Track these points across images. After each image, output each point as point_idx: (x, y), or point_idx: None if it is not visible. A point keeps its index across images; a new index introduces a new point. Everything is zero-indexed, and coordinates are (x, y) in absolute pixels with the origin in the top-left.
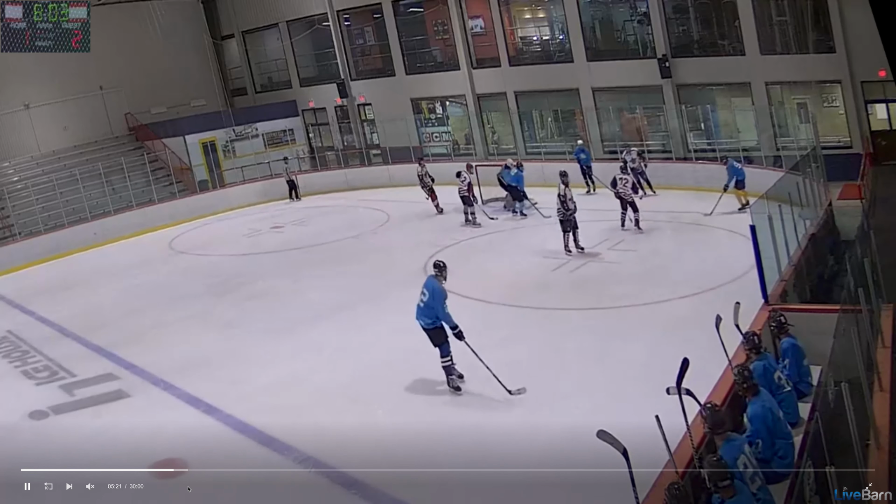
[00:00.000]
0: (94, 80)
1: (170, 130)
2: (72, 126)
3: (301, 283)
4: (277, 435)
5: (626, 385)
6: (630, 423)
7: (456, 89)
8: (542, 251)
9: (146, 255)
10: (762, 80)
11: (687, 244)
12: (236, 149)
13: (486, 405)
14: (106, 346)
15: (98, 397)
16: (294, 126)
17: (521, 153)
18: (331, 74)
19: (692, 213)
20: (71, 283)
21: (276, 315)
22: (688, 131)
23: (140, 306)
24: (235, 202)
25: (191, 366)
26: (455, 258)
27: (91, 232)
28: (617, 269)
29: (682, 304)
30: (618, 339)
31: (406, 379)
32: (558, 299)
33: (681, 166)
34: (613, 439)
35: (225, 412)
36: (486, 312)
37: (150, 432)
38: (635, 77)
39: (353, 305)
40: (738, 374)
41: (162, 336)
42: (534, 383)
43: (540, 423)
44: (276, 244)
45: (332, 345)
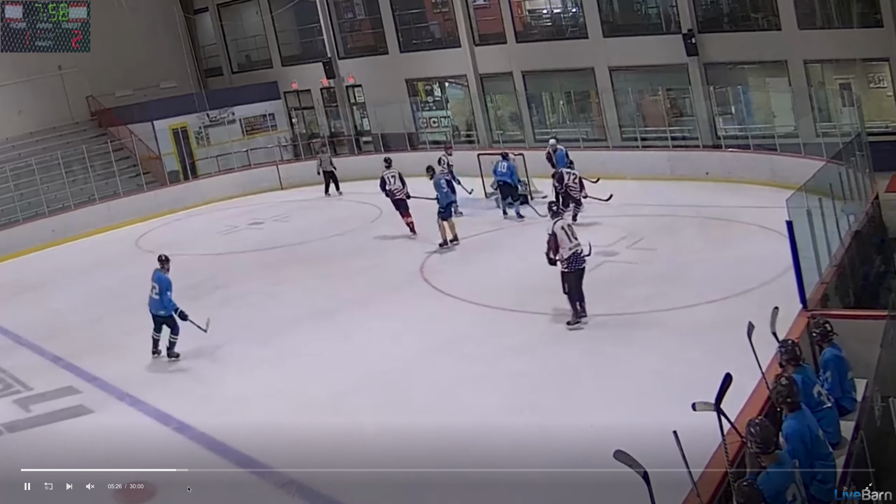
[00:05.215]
0: (52, 60)
1: (136, 115)
2: (27, 110)
3: (282, 286)
4: (256, 455)
5: (646, 399)
6: (651, 443)
7: (456, 69)
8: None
9: (110, 255)
10: (800, 57)
11: (714, 242)
12: (211, 136)
13: (489, 420)
14: (65, 356)
15: (57, 413)
16: (275, 110)
17: (528, 140)
18: (316, 52)
19: (721, 207)
20: (26, 286)
21: (255, 321)
22: (716, 115)
23: (104, 312)
24: (210, 195)
25: (160, 378)
26: (456, 258)
27: (49, 229)
28: (635, 270)
29: (708, 309)
30: (636, 349)
31: (398, 390)
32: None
33: (708, 154)
34: (632, 461)
35: (198, 430)
36: (490, 319)
37: (114, 452)
38: (658, 55)
39: (339, 310)
40: (778, 386)
41: (128, 345)
42: (542, 397)
43: (550, 442)
44: (255, 242)
45: (315, 353)
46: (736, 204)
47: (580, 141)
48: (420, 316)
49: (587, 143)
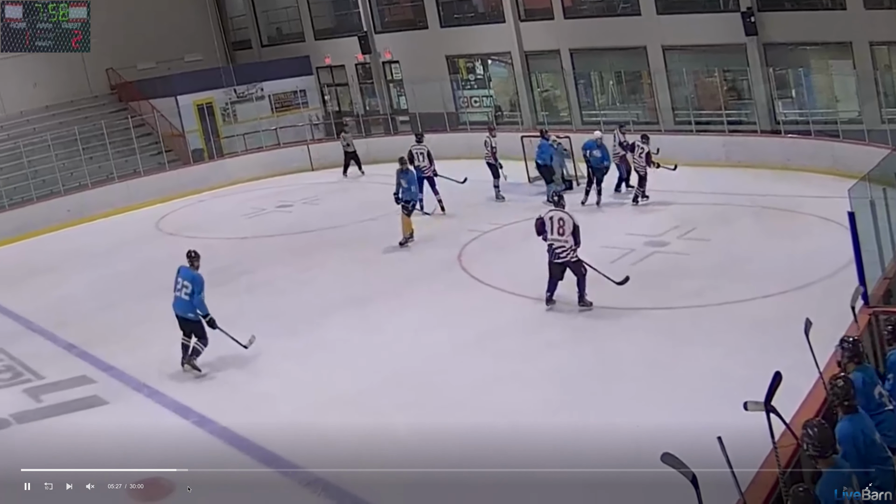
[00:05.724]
0: None
1: (159, 89)
2: (42, 82)
3: (311, 273)
4: (281, 452)
5: (696, 399)
6: (700, 444)
7: (500, 46)
8: (600, 239)
9: (129, 237)
10: (866, 39)
11: (771, 233)
12: (238, 112)
13: (525, 416)
14: (79, 343)
15: (69, 404)
16: (307, 87)
17: (575, 122)
18: (351, 26)
19: (778, 196)
20: (39, 268)
21: (282, 310)
22: (775, 99)
23: (120, 298)
24: (236, 176)
25: (180, 369)
26: (497, 245)
27: (64, 209)
28: (687, 262)
29: (764, 304)
30: (686, 345)
31: (430, 384)
32: (616, 296)
33: (766, 140)
34: (680, 464)
35: (219, 423)
36: (529, 311)
37: (130, 446)
38: (714, 34)
39: (370, 300)
40: (835, 387)
41: (146, 333)
42: (584, 395)
43: (591, 443)
44: (283, 226)
45: (345, 346)
46: (794, 193)
47: (630, 124)
48: (455, 307)
49: (638, 127)
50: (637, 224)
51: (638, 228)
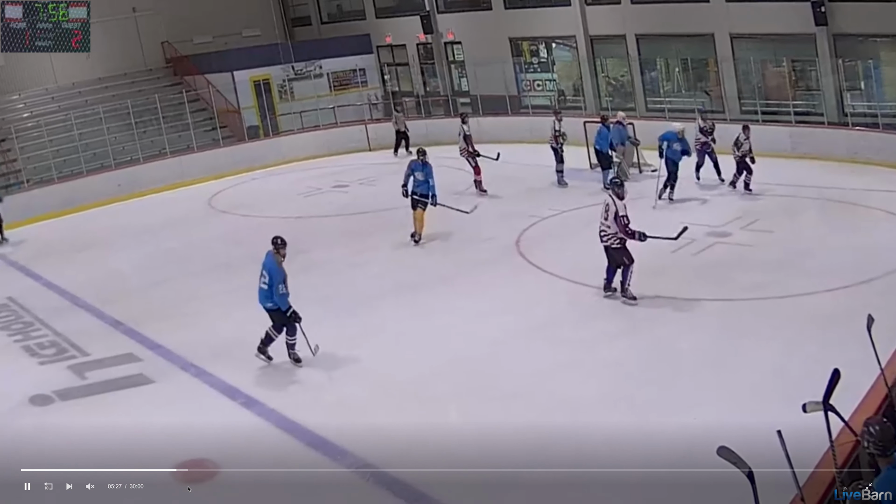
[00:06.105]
0: (125, 1)
1: (215, 65)
2: (96, 54)
3: (365, 256)
4: (329, 435)
5: (755, 393)
6: (756, 441)
7: (565, 29)
8: (659, 228)
9: (180, 214)
10: None
11: (835, 226)
12: (295, 90)
13: (581, 409)
14: (126, 320)
15: (114, 382)
16: (366, 65)
17: (640, 109)
18: (413, 5)
19: (844, 189)
20: (87, 243)
21: (334, 293)
22: (844, 91)
23: (170, 275)
24: (291, 154)
25: (228, 349)
26: (558, 231)
27: (115, 183)
28: (750, 254)
29: (827, 298)
30: (746, 338)
31: (484, 374)
32: (675, 287)
33: (833, 132)
34: (737, 458)
35: (267, 405)
36: (589, 300)
37: (173, 426)
38: (783, 23)
39: (425, 285)
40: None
41: (195, 312)
42: (643, 385)
43: (648, 435)
44: (339, 207)
45: (397, 332)
46: (861, 186)
47: (695, 112)
48: (512, 294)
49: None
50: (699, 214)
51: (699, 218)
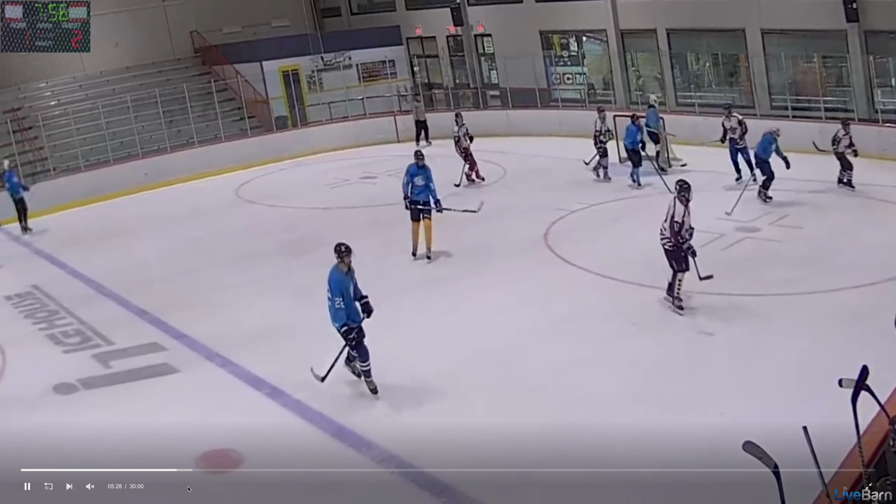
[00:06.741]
0: None
1: (244, 54)
2: (125, 43)
3: (392, 247)
4: (354, 427)
5: (781, 388)
6: (781, 438)
7: (595, 22)
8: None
9: (207, 204)
10: None
11: (864, 223)
12: (324, 81)
13: (606, 404)
14: (152, 310)
15: (139, 371)
16: (396, 57)
17: (670, 103)
18: None
19: (874, 185)
20: (113, 232)
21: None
22: (875, 88)
23: (196, 265)
24: (319, 145)
25: (254, 339)
26: (587, 225)
27: (142, 172)
28: (778, 249)
29: (854, 294)
30: (773, 334)
31: (511, 368)
32: (703, 282)
33: (863, 129)
34: (763, 453)
35: (292, 396)
36: (614, 293)
37: (195, 416)
38: (815, 19)
39: (452, 277)
40: None
41: (221, 302)
42: (667, 381)
43: (672, 429)
44: (367, 198)
45: (423, 325)
46: (890, 183)
47: (724, 108)
48: (540, 286)
49: (733, 110)
50: (728, 209)
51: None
